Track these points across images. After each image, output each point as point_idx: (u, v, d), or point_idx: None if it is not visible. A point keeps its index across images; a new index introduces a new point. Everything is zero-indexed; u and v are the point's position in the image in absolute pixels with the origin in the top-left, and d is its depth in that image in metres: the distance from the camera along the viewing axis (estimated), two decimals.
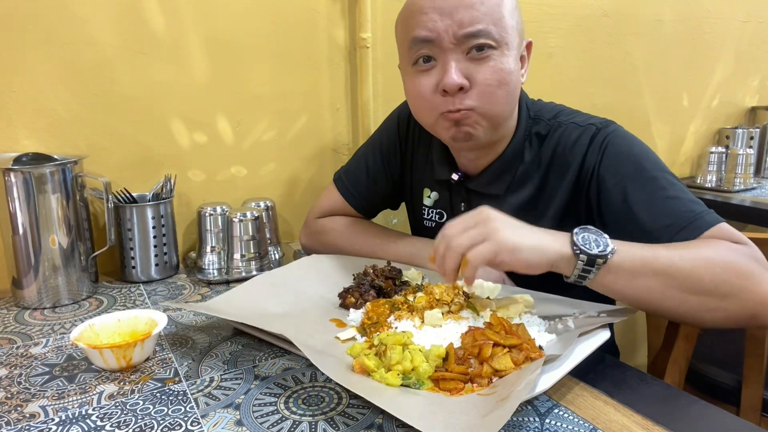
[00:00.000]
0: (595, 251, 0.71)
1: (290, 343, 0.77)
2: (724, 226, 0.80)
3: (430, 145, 1.08)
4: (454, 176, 1.02)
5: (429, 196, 1.10)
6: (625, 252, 0.73)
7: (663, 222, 0.81)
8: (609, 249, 0.72)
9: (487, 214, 0.74)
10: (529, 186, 0.96)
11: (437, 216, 1.10)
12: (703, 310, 0.74)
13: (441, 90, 0.86)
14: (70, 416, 0.65)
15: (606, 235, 0.74)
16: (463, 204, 1.04)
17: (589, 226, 0.75)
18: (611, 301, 1.03)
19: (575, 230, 0.74)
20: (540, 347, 0.70)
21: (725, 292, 0.72)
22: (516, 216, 0.81)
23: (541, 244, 0.72)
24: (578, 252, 0.71)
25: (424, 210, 1.12)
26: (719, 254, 0.74)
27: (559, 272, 0.74)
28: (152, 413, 0.65)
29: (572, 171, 0.92)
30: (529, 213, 0.93)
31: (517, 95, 0.91)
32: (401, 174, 1.15)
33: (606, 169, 0.88)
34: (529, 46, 0.94)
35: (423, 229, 1.13)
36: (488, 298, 0.85)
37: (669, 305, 0.74)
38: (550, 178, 0.95)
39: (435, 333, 0.76)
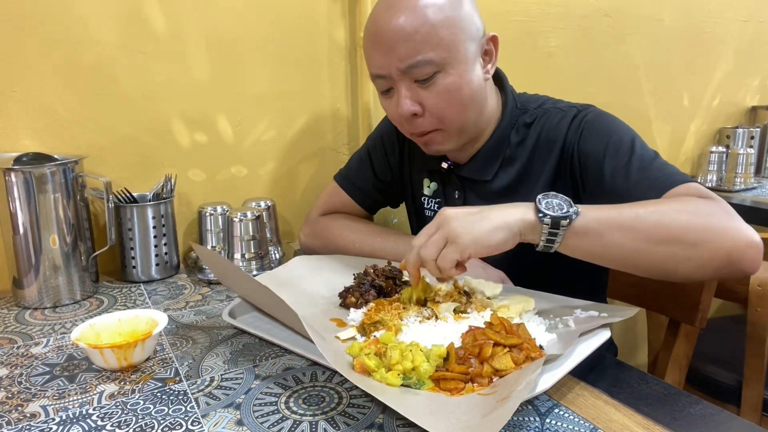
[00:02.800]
0: (558, 213, 0.73)
1: (290, 343, 0.78)
2: (695, 185, 0.81)
3: None
4: (444, 165, 1.06)
5: (429, 186, 1.13)
6: (590, 212, 0.74)
7: (641, 186, 0.83)
8: (573, 210, 0.73)
9: (444, 216, 0.76)
10: (516, 168, 1.00)
11: (436, 205, 1.12)
12: (675, 261, 0.74)
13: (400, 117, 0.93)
14: (71, 416, 0.65)
15: (569, 199, 0.75)
16: (457, 192, 1.07)
17: (551, 192, 0.76)
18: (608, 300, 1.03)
19: (538, 197, 0.75)
20: (540, 347, 0.70)
21: (694, 239, 0.73)
22: (503, 197, 0.88)
23: (504, 219, 0.74)
24: (542, 216, 0.73)
25: (424, 200, 1.14)
26: (685, 204, 0.76)
27: (528, 242, 0.75)
28: (153, 413, 0.65)
29: (555, 151, 0.95)
30: (516, 193, 0.98)
31: (478, 97, 0.93)
32: (401, 167, 1.17)
33: (585, 145, 0.91)
34: (494, 39, 0.94)
35: (424, 219, 1.15)
36: (488, 298, 0.85)
37: (640, 259, 0.75)
38: (536, 160, 0.98)
39: (435, 333, 0.76)
